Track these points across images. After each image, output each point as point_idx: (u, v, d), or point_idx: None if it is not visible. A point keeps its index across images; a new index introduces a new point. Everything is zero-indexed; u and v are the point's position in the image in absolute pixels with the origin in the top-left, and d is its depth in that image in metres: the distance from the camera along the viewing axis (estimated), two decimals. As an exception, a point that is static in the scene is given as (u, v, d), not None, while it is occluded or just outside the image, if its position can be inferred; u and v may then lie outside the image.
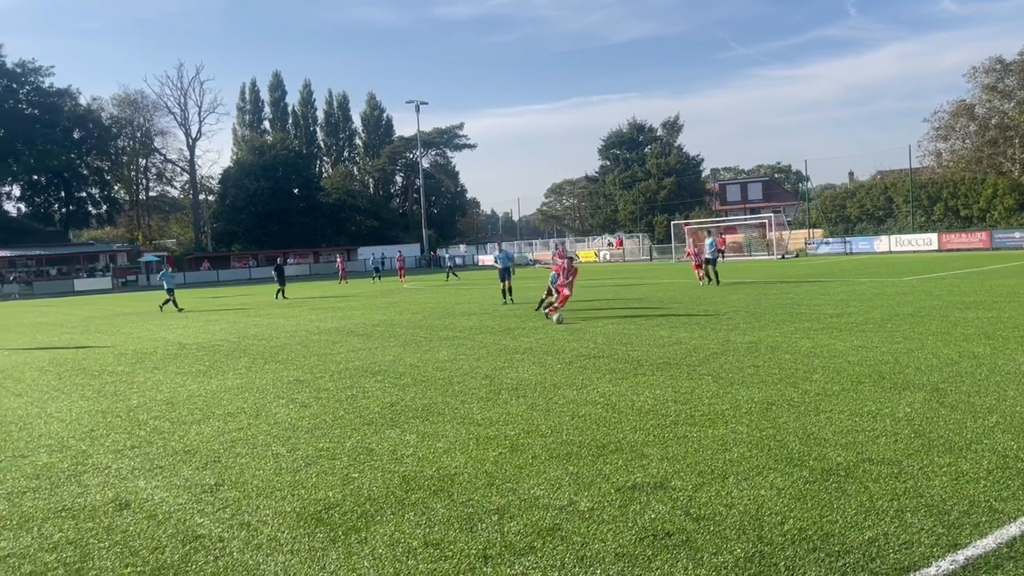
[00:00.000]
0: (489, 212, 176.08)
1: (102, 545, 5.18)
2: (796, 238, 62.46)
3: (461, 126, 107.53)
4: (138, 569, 4.75)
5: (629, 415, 7.99)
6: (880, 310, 16.38)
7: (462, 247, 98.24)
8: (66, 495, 6.35)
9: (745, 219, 68.94)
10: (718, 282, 26.91)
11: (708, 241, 28.66)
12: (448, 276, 47.49)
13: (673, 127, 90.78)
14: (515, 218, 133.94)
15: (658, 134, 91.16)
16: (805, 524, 4.85)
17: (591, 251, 76.43)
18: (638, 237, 79.57)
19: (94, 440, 8.30)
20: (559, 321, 17.01)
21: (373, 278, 51.84)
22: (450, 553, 4.72)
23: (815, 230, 63.89)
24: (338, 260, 52.78)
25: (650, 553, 4.57)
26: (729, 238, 62.34)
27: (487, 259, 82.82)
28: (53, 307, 39.84)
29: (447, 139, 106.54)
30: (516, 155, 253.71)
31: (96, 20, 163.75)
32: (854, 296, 20.08)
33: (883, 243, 54.50)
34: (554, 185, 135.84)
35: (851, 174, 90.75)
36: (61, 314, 32.44)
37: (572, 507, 5.37)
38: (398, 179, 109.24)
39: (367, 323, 20.00)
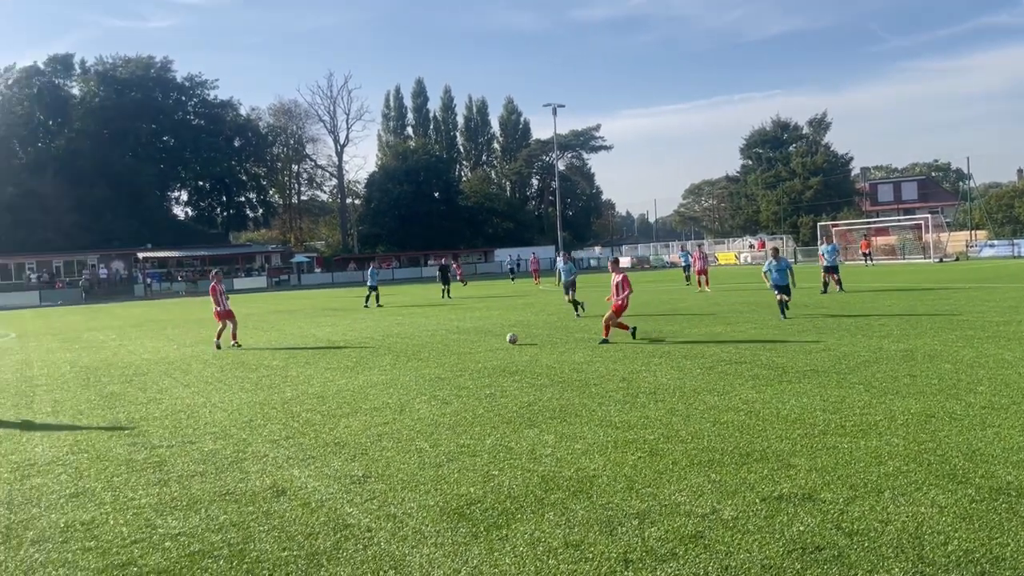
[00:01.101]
0: (624, 214, 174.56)
1: (262, 529, 5.50)
2: (956, 240, 58.31)
3: (597, 128, 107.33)
4: (294, 553, 5.02)
5: (774, 423, 7.71)
6: (1055, 318, 15.04)
7: (597, 249, 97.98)
8: (229, 480, 6.79)
9: (898, 220, 65.07)
10: (841, 288, 25.44)
11: (826, 247, 26.81)
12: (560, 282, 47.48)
13: (820, 124, 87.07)
14: (651, 220, 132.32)
15: (804, 132, 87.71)
16: (972, 546, 4.53)
17: (731, 253, 74.36)
18: (781, 239, 76.65)
19: (253, 430, 8.84)
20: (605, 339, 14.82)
21: (511, 279, 52.44)
22: (590, 555, 4.71)
23: (978, 232, 59.49)
24: (454, 264, 54.78)
25: (799, 567, 4.39)
26: (881, 240, 59.05)
27: (624, 261, 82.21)
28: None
29: (583, 141, 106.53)
30: (653, 156, 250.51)
31: (256, 35, 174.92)
32: (1024, 303, 18.54)
33: (1058, 245, 50.03)
34: (692, 186, 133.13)
35: (1020, 171, 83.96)
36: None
37: (715, 515, 5.24)
38: (534, 182, 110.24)
39: (504, 323, 20.28)
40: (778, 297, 17.76)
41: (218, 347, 17.77)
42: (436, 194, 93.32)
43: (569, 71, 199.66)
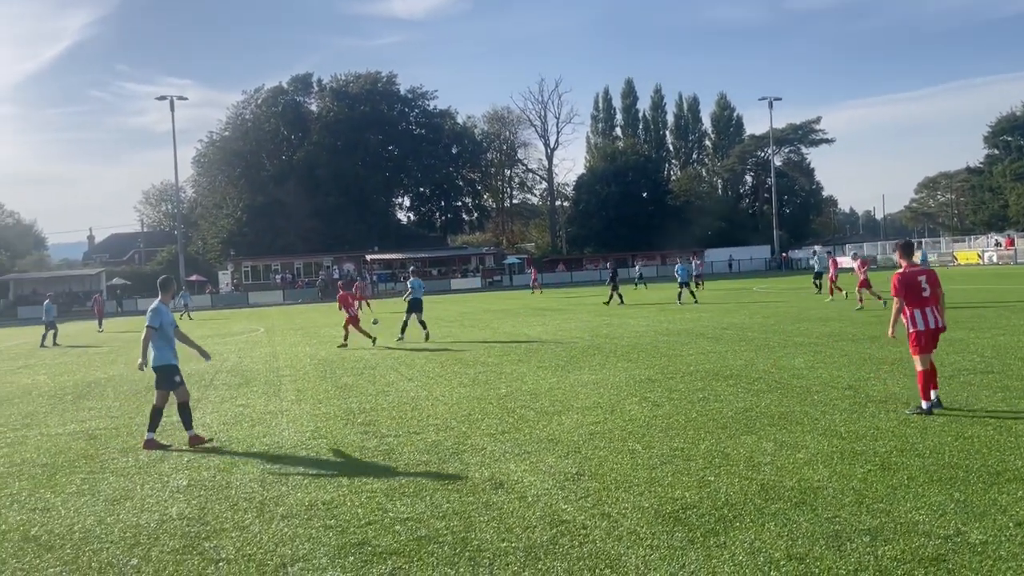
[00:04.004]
0: (847, 211, 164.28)
1: (482, 519, 5.73)
2: None
3: (818, 120, 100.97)
4: (512, 545, 5.18)
5: (1030, 441, 6.91)
6: None
7: (816, 248, 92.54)
8: (451, 470, 7.14)
9: None
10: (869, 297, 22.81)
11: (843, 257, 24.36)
12: (637, 285, 44.97)
13: (1084, 106, 76.85)
14: (878, 216, 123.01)
15: (1064, 115, 77.86)
16: None
17: (973, 252, 67.48)
18: (1033, 236, 68.45)
19: (472, 423, 9.23)
20: None
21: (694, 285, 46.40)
22: (816, 570, 4.47)
23: None
24: (532, 272, 55.85)
25: (1064, 604, 3.91)
26: None
27: (845, 260, 77.11)
28: (434, 303, 45.04)
29: (802, 135, 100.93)
30: (881, 148, 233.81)
31: (473, 46, 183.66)
32: None
33: None
34: (926, 179, 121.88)
35: None
36: (440, 309, 36.55)
37: (960, 538, 4.78)
38: (748, 179, 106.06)
39: (716, 326, 19.72)
40: None
41: (345, 345, 19.46)
42: (644, 194, 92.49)
43: (786, 63, 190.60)
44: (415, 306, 20.46)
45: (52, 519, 6.36)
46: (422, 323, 20.34)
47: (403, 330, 20.56)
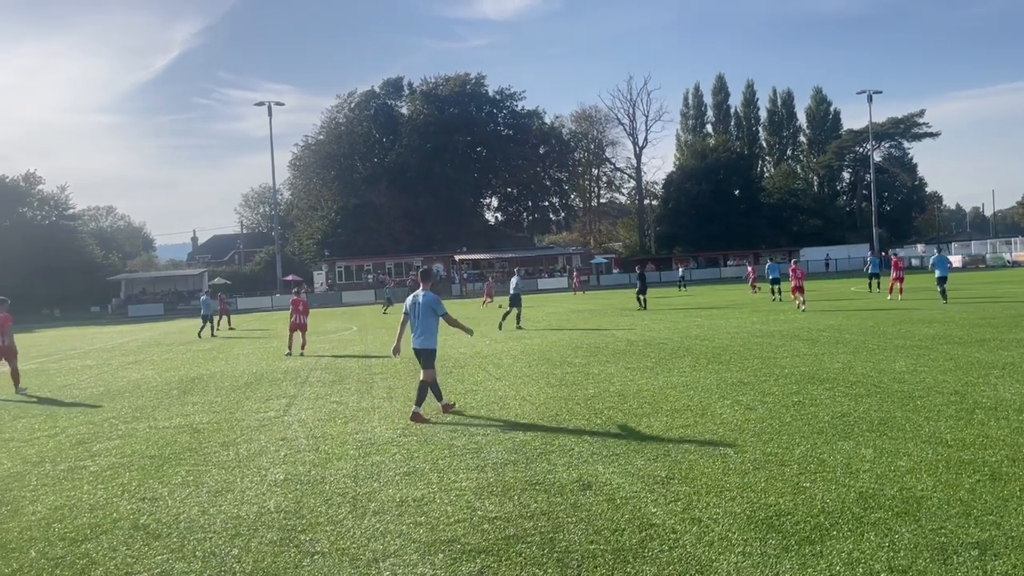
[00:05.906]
0: (953, 207, 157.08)
1: (569, 520, 5.72)
2: None
3: (921, 113, 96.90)
4: (601, 547, 5.15)
5: None
6: None
7: (919, 247, 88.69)
8: (538, 470, 7.15)
9: None
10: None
11: (870, 258, 24.98)
12: (681, 288, 44.47)
13: None
14: (986, 213, 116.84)
15: None
16: None
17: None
18: None
19: (559, 423, 9.23)
20: None
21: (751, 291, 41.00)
22: (920, 584, 4.28)
23: None
24: (575, 274, 55.75)
25: None
26: None
27: (954, 260, 73.56)
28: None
29: (903, 129, 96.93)
30: (991, 141, 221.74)
31: (561, 46, 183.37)
32: None
33: None
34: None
35: None
36: (528, 311, 36.65)
37: (1079, 556, 4.50)
38: (845, 175, 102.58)
39: (812, 327, 19.12)
40: None
41: (288, 355, 20.11)
42: (736, 192, 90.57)
43: (887, 54, 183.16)
44: (514, 301, 24.75)
45: (159, 508, 6.68)
46: (517, 316, 24.57)
47: (515, 319, 24.62)
